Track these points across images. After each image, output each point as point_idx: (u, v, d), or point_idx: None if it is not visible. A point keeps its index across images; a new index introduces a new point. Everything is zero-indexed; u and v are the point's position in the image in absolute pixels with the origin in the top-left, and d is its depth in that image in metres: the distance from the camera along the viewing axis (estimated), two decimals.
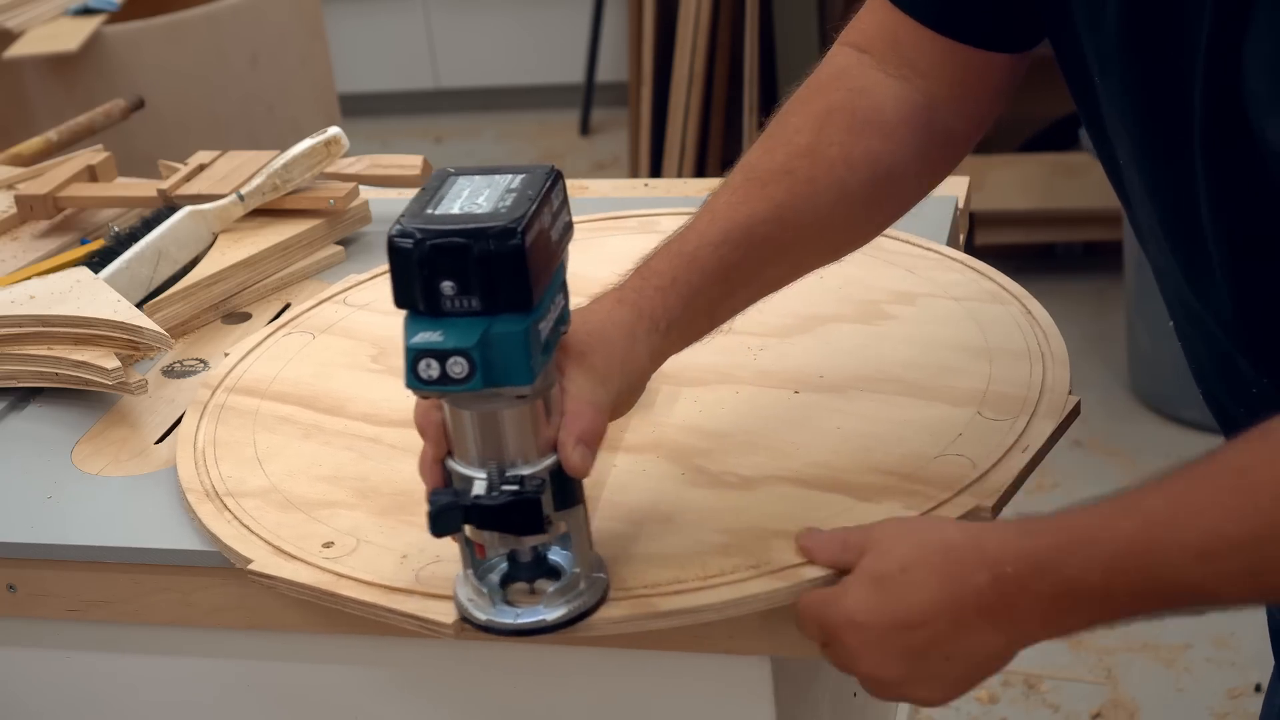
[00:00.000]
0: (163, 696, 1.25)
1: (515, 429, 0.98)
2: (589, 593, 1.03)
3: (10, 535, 1.21)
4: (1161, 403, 3.05)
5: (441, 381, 0.94)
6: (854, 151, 1.12)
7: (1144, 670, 2.46)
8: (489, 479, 0.98)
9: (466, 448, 0.99)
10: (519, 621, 1.02)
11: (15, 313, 1.40)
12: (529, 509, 0.97)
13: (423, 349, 0.93)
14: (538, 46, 4.88)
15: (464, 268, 0.93)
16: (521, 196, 0.95)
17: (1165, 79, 1.00)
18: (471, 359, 0.93)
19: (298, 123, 3.05)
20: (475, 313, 0.93)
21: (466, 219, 0.93)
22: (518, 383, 0.95)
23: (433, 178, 1.00)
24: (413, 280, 0.94)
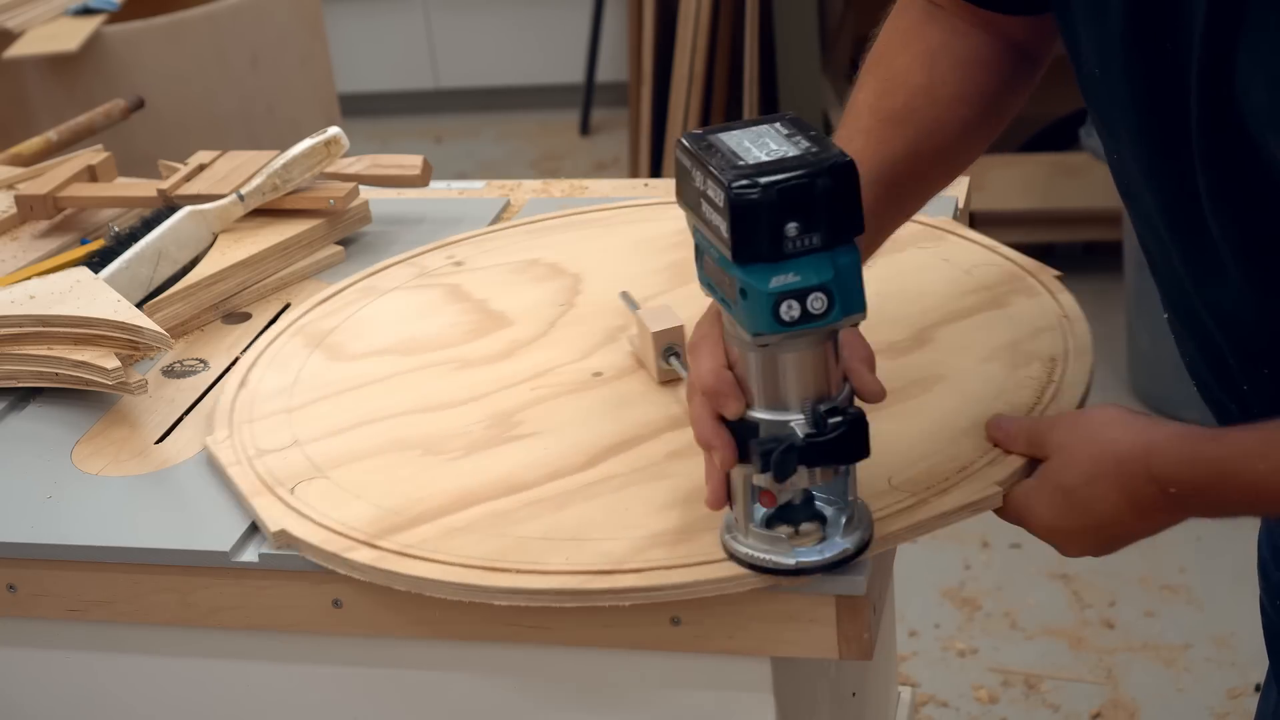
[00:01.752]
0: (163, 696, 1.25)
1: (824, 365, 1.01)
2: (865, 520, 1.07)
3: (10, 535, 1.21)
4: (1161, 403, 3.05)
5: (802, 320, 0.97)
6: (967, 88, 1.21)
7: (1144, 670, 2.46)
8: (809, 417, 1.01)
9: (777, 392, 1.02)
10: (826, 556, 1.05)
11: (15, 313, 1.40)
12: (860, 433, 1.01)
13: (784, 291, 0.96)
14: (538, 46, 4.87)
15: (810, 205, 0.95)
16: (808, 137, 0.98)
17: (1165, 73, 1.02)
18: (830, 292, 0.97)
19: (298, 123, 3.05)
20: (815, 249, 0.96)
21: (790, 163, 0.96)
22: (861, 309, 0.99)
23: (693, 142, 1.00)
24: (760, 228, 0.95)
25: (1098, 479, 1.07)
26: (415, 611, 1.13)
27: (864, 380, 1.06)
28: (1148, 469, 1.04)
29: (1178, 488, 1.03)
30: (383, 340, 1.40)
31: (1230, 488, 1.02)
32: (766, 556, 1.05)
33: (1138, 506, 1.06)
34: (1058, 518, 1.10)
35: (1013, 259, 1.43)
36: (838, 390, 1.03)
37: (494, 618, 1.11)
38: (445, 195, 1.76)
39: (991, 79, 1.22)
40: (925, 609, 2.62)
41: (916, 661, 2.52)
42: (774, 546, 1.05)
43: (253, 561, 1.15)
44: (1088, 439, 1.09)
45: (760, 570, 1.05)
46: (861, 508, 1.07)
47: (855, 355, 1.07)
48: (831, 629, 1.07)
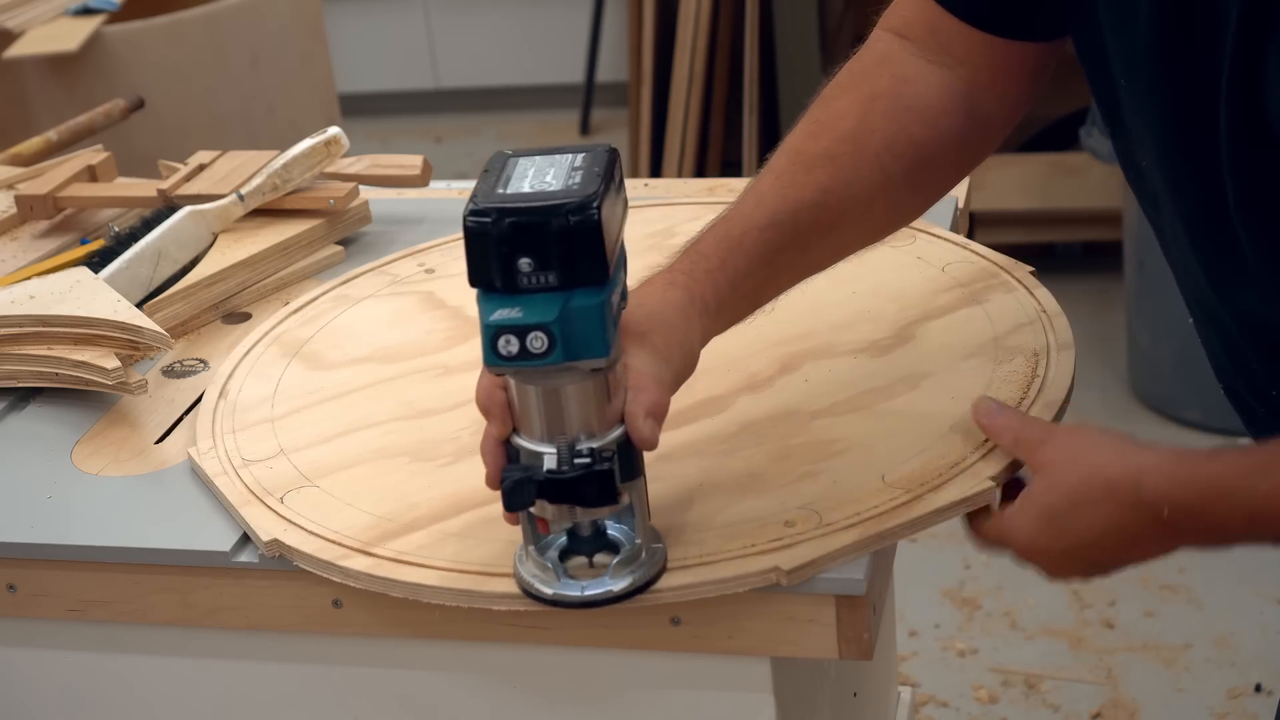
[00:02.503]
0: (163, 696, 1.25)
1: (584, 403, 1.00)
2: (650, 563, 1.05)
3: (10, 535, 1.21)
4: (1161, 403, 3.05)
5: (521, 357, 0.96)
6: (897, 139, 1.16)
7: (1144, 670, 2.46)
8: (559, 453, 1.00)
9: (536, 423, 1.01)
10: (586, 594, 1.04)
11: (15, 313, 1.40)
12: (603, 480, 1.00)
13: (503, 325, 0.96)
14: (538, 46, 4.87)
15: (542, 244, 0.95)
16: (589, 173, 0.98)
17: (1193, 83, 1.01)
18: (551, 333, 0.96)
19: (298, 123, 3.05)
20: (552, 288, 0.96)
21: (540, 196, 0.96)
22: (596, 355, 0.98)
23: (492, 160, 1.02)
24: (490, 258, 0.96)
25: (1084, 503, 1.04)
26: (415, 612, 1.13)
27: (635, 427, 1.01)
28: (1138, 494, 1.02)
29: (1171, 510, 1.01)
30: (361, 349, 1.39)
31: (1227, 508, 0.99)
32: (531, 581, 1.05)
33: (1123, 533, 1.03)
34: (1042, 539, 1.07)
35: (986, 255, 1.43)
36: (605, 431, 1.01)
37: (493, 618, 1.11)
38: (445, 195, 1.75)
39: (926, 132, 1.17)
40: (925, 609, 2.62)
41: (916, 661, 2.52)
42: (541, 574, 1.05)
43: (252, 561, 1.15)
44: (1077, 460, 1.06)
45: (526, 595, 1.05)
46: (653, 551, 1.06)
47: (638, 400, 1.02)
48: (831, 629, 1.07)
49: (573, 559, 1.06)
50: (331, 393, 1.33)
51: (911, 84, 1.17)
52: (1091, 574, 1.09)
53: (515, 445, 1.02)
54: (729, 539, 1.08)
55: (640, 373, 1.03)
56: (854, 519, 1.09)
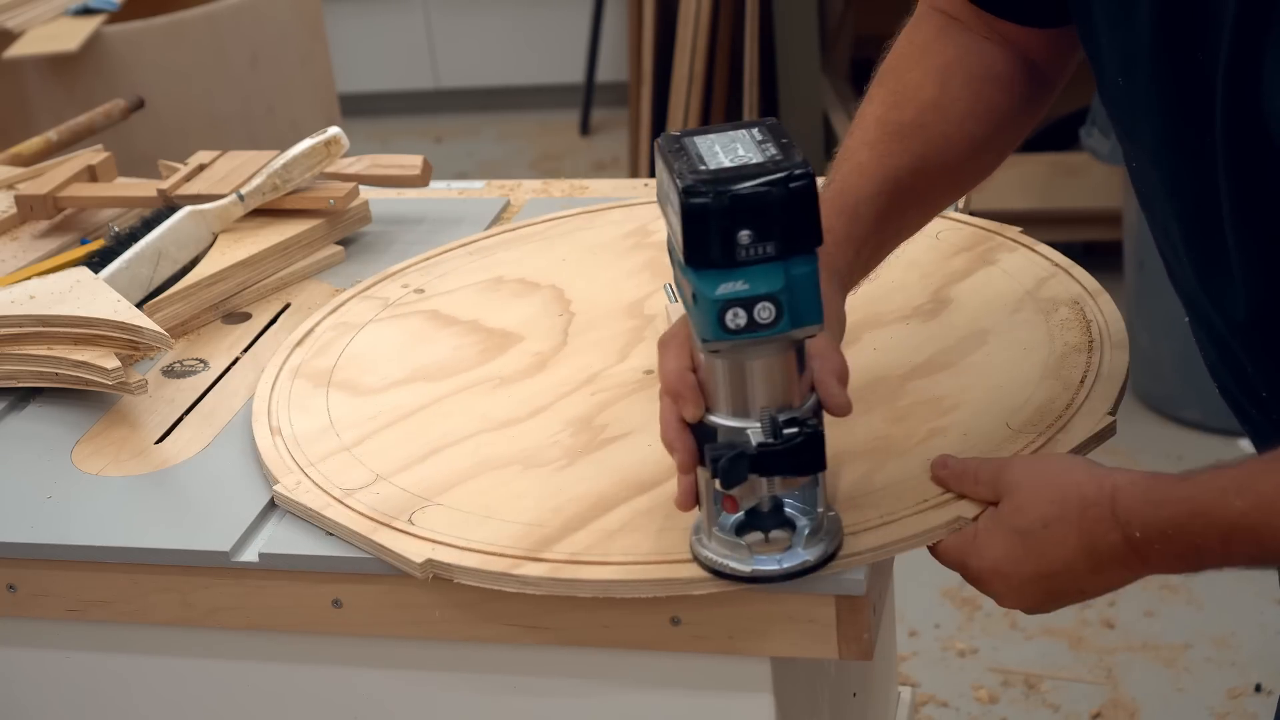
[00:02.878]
0: (163, 696, 1.25)
1: (786, 374, 1.01)
2: (834, 531, 1.06)
3: (10, 535, 1.21)
4: (1161, 403, 3.05)
5: (748, 329, 0.97)
6: (978, 105, 1.20)
7: (1144, 670, 2.46)
8: (765, 426, 1.00)
9: (737, 398, 1.01)
10: (784, 566, 1.04)
11: (15, 313, 1.40)
12: (816, 446, 1.01)
13: (730, 299, 0.96)
14: (538, 46, 4.87)
15: (764, 214, 0.95)
16: (779, 144, 0.98)
17: (1191, 82, 1.02)
18: (779, 302, 0.96)
19: (298, 123, 3.04)
20: (770, 258, 0.96)
21: (751, 170, 0.96)
22: (814, 321, 0.98)
23: (666, 143, 1.00)
24: (711, 234, 0.95)
25: (1057, 521, 1.02)
26: (415, 612, 1.13)
27: (831, 393, 1.04)
28: (1113, 512, 1.00)
29: (1142, 531, 0.99)
30: (396, 371, 1.36)
31: (1201, 528, 0.97)
32: (724, 562, 1.05)
33: (1094, 556, 1.01)
34: (1009, 562, 1.05)
35: (969, 221, 1.46)
36: (801, 401, 1.02)
37: (494, 617, 1.11)
38: (445, 195, 1.75)
39: (1003, 97, 1.21)
40: (925, 609, 2.62)
41: (916, 661, 2.52)
42: (733, 552, 1.05)
43: (253, 561, 1.15)
44: (1049, 480, 1.05)
45: (718, 575, 1.05)
46: (832, 519, 1.06)
47: (826, 368, 1.05)
48: (831, 629, 1.07)
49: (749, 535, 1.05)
50: (393, 416, 1.29)
51: (978, 54, 1.22)
52: (1046, 605, 1.06)
53: (711, 424, 1.02)
54: (898, 498, 1.10)
55: (820, 342, 1.04)
56: None
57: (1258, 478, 0.97)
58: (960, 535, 1.07)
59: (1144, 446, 2.95)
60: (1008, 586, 1.06)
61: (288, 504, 1.19)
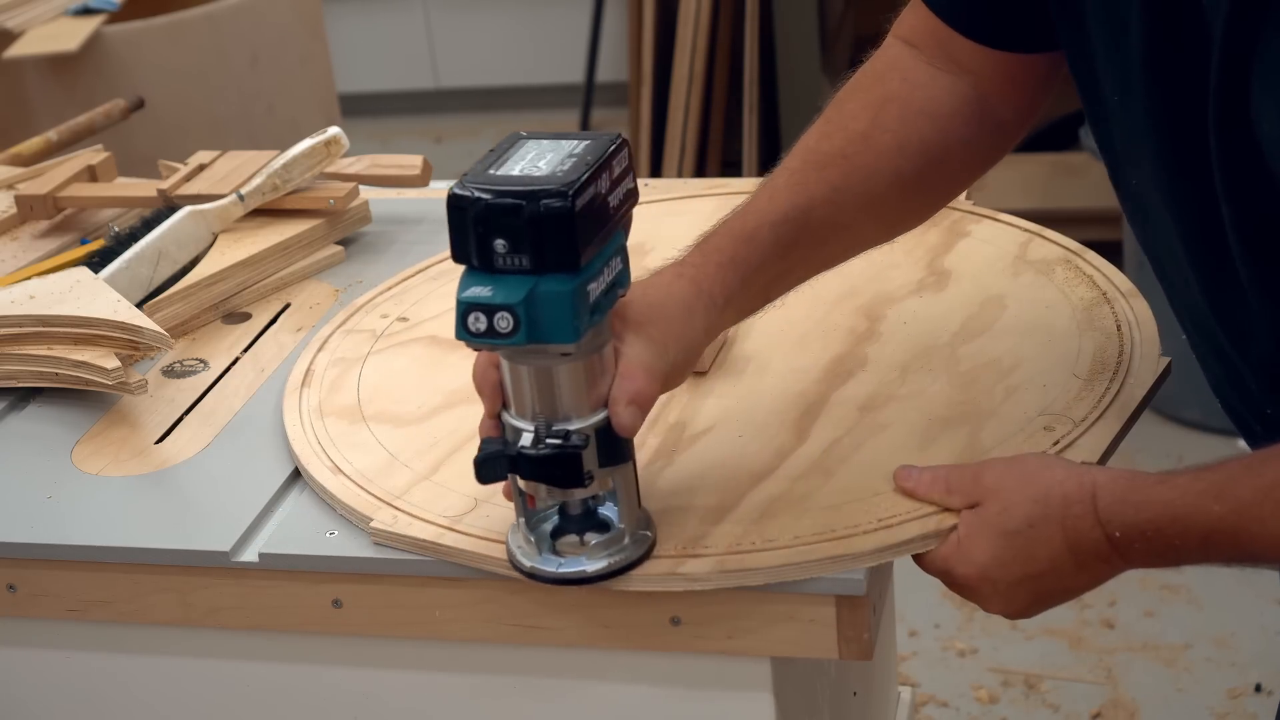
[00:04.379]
0: (163, 696, 1.25)
1: (563, 385, 1.02)
2: (632, 548, 1.06)
3: (10, 535, 1.21)
4: (1161, 403, 3.05)
5: (488, 335, 0.99)
6: (908, 139, 1.17)
7: (1144, 670, 2.46)
8: (536, 432, 1.02)
9: (518, 400, 1.04)
10: (560, 570, 1.06)
11: (15, 313, 1.40)
12: (569, 462, 1.02)
13: (472, 303, 0.98)
14: (538, 46, 4.87)
15: (515, 227, 0.97)
16: (580, 161, 0.99)
17: (1186, 104, 1.01)
18: (516, 315, 0.98)
19: (298, 123, 3.04)
20: (525, 271, 0.98)
21: (523, 181, 0.98)
22: (561, 340, 0.99)
23: (505, 139, 1.03)
24: (468, 236, 0.98)
25: (1042, 521, 1.02)
26: (415, 611, 1.13)
27: (615, 411, 1.03)
28: (1094, 510, 1.01)
29: (1123, 532, 1.00)
30: (430, 398, 1.31)
31: (1180, 531, 0.98)
32: (515, 553, 1.07)
33: (1079, 553, 1.02)
34: (996, 566, 1.04)
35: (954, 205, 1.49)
36: (589, 414, 1.03)
37: (494, 617, 1.11)
38: (445, 195, 1.75)
39: (937, 135, 1.18)
40: (925, 609, 2.62)
41: (916, 661, 2.52)
42: (525, 547, 1.07)
43: (253, 561, 1.15)
44: (1029, 480, 1.05)
45: (511, 565, 1.08)
46: (639, 536, 1.07)
47: (622, 387, 1.03)
48: (831, 629, 1.07)
49: (566, 536, 1.07)
50: (456, 439, 1.24)
51: (923, 89, 1.19)
52: (1032, 609, 1.06)
53: (503, 420, 1.05)
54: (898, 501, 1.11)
55: (630, 361, 1.04)
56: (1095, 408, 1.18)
57: (1237, 482, 0.97)
58: (945, 545, 1.07)
59: (1144, 446, 2.95)
60: (995, 590, 1.05)
61: (390, 539, 1.14)
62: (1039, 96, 1.22)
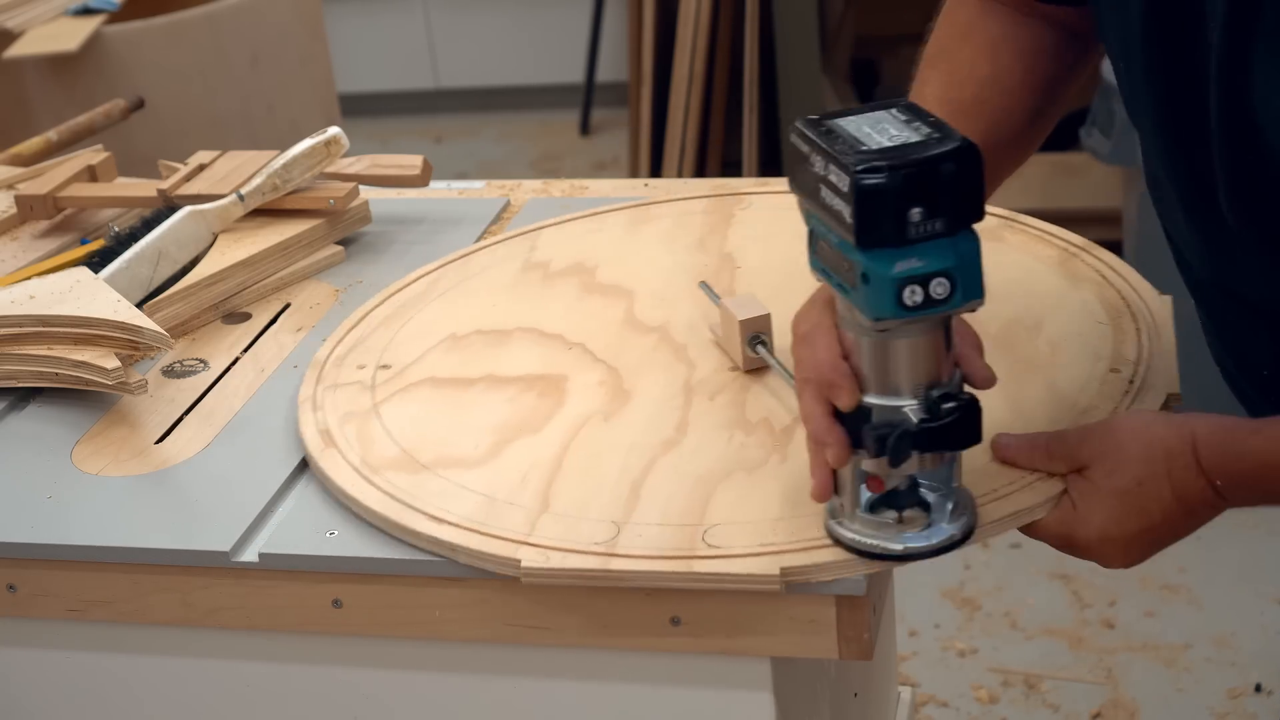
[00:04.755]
0: (163, 696, 1.25)
1: (938, 350, 1.02)
2: (971, 507, 1.08)
3: (10, 535, 1.21)
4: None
5: (925, 305, 0.97)
6: (1032, 76, 1.22)
7: (1144, 670, 2.46)
8: (923, 403, 1.01)
9: (894, 379, 1.02)
10: (933, 543, 1.06)
11: (15, 313, 1.40)
12: (973, 420, 1.02)
13: (906, 276, 0.96)
14: (538, 46, 4.87)
15: (934, 191, 0.95)
16: (927, 123, 0.98)
17: (1184, 71, 1.03)
18: (953, 277, 0.97)
19: (298, 123, 3.05)
20: (937, 234, 0.96)
21: (914, 148, 0.96)
22: (980, 295, 0.99)
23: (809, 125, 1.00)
24: (885, 213, 0.95)
25: (1151, 478, 1.06)
26: (415, 611, 1.13)
27: (975, 366, 1.06)
28: (1197, 462, 1.04)
29: (1224, 480, 1.03)
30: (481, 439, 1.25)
31: (1276, 478, 1.02)
32: (873, 541, 1.06)
33: (1187, 503, 1.05)
34: (1113, 524, 1.07)
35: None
36: (949, 376, 1.03)
37: (494, 617, 1.11)
38: (445, 195, 1.76)
39: (1052, 65, 1.23)
40: (925, 609, 2.62)
41: (916, 661, 2.52)
42: (880, 532, 1.06)
43: (253, 561, 1.15)
44: (1131, 439, 1.07)
45: (867, 555, 1.06)
46: (965, 494, 1.08)
47: (966, 342, 1.07)
48: (831, 629, 1.07)
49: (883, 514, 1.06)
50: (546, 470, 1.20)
51: (1022, 27, 1.23)
52: (1148, 555, 1.10)
53: (865, 406, 1.03)
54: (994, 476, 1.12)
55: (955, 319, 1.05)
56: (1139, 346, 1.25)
57: None
58: (1059, 511, 1.09)
59: None
60: (1115, 548, 1.09)
61: (547, 576, 1.09)
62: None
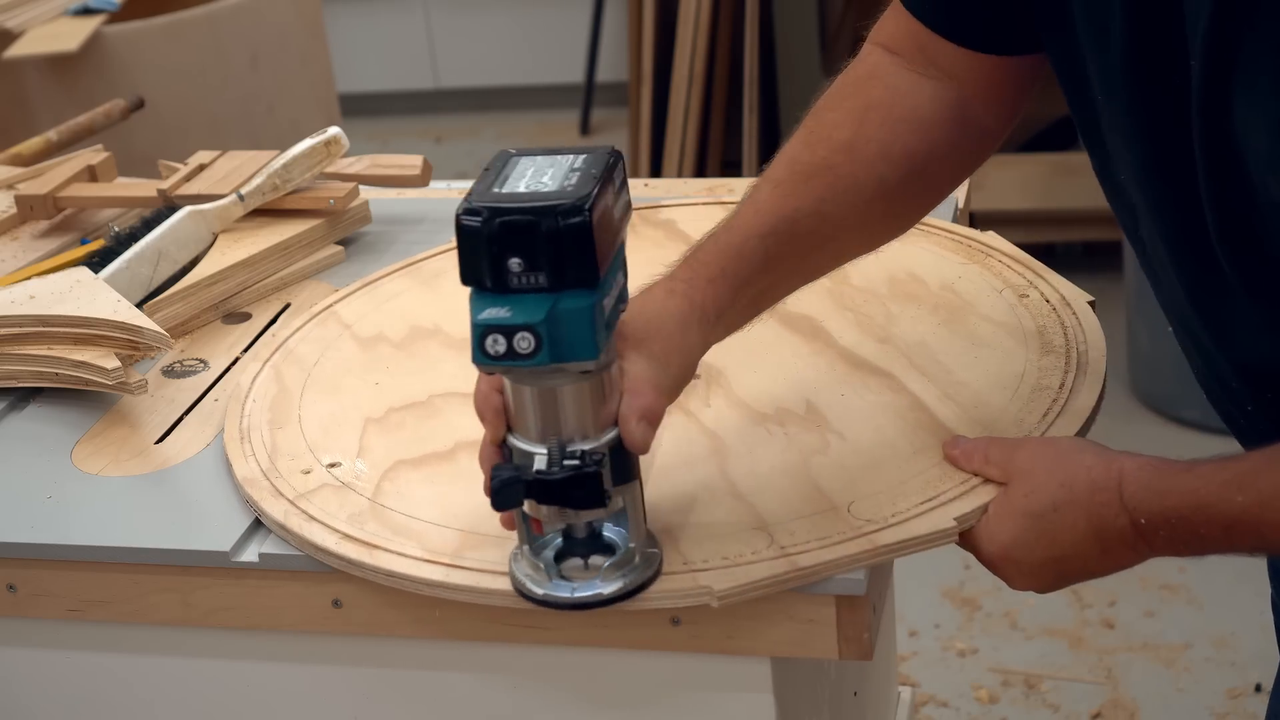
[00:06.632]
0: (163, 696, 1.25)
1: (576, 405, 1.00)
2: (643, 567, 1.05)
3: (10, 535, 1.21)
4: (1161, 403, 3.05)
5: (508, 357, 0.96)
6: (892, 149, 1.16)
7: (1144, 670, 2.46)
8: (549, 455, 1.00)
9: (527, 424, 1.01)
10: (575, 595, 1.04)
11: (15, 313, 1.40)
12: (590, 483, 1.00)
13: (490, 324, 0.96)
14: (538, 46, 4.87)
15: (532, 244, 0.95)
16: (586, 175, 0.97)
17: (1167, 109, 1.01)
18: (539, 334, 0.96)
19: (298, 123, 3.05)
20: (541, 289, 0.96)
21: (533, 197, 0.96)
22: (583, 358, 0.98)
23: (495, 159, 1.02)
24: (481, 257, 0.96)
25: (1067, 505, 1.04)
26: (415, 611, 1.13)
27: (628, 430, 1.02)
28: (1120, 498, 1.02)
29: (1148, 519, 1.01)
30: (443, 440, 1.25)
31: (1204, 520, 0.99)
32: (524, 581, 1.05)
33: (1103, 539, 1.03)
34: (1019, 546, 1.06)
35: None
36: (599, 434, 1.01)
37: (494, 618, 1.11)
38: (445, 195, 1.76)
39: (921, 143, 1.17)
40: (925, 609, 2.62)
41: (916, 661, 2.53)
42: (534, 573, 1.05)
43: (253, 561, 1.15)
44: (1058, 463, 1.06)
45: (518, 594, 1.05)
46: (648, 555, 1.06)
47: (632, 404, 1.02)
48: (831, 629, 1.07)
49: (569, 560, 1.06)
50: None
51: (904, 95, 1.18)
52: (1057, 585, 1.08)
53: (510, 445, 1.02)
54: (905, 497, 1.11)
55: (636, 377, 1.03)
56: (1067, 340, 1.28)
57: (1260, 474, 0.98)
58: (979, 521, 1.08)
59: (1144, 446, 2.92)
60: (1018, 570, 1.07)
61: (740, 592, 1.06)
62: (1020, 100, 1.21)
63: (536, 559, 1.05)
